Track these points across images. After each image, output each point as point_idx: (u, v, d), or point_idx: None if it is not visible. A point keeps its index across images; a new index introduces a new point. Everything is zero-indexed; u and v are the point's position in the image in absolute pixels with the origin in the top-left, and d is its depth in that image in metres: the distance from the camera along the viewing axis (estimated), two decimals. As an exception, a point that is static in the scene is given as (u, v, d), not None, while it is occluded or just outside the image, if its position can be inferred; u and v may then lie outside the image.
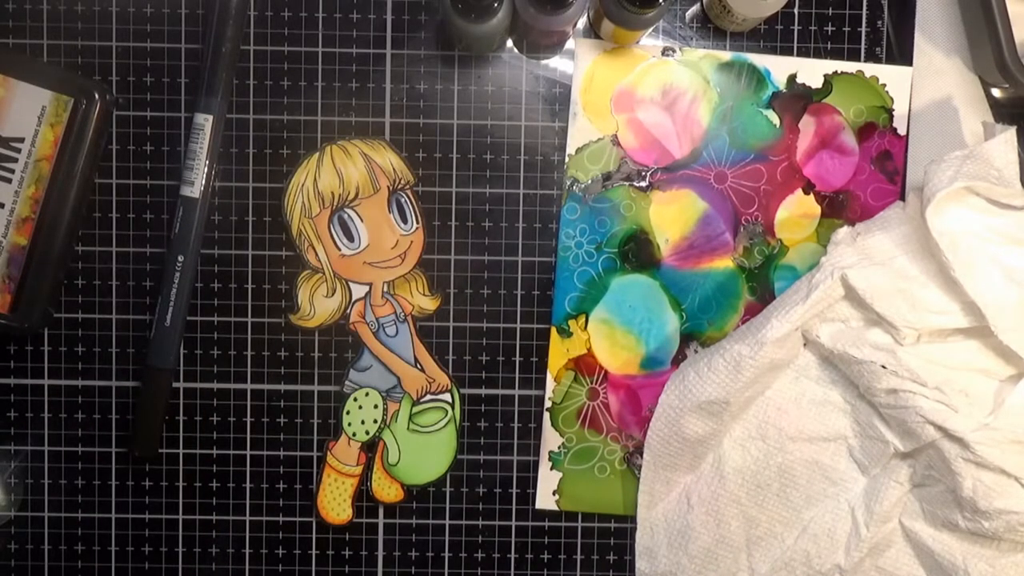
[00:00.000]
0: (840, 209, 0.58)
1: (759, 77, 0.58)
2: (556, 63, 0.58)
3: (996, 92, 0.59)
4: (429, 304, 0.58)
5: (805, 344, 0.57)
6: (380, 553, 0.59)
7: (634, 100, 0.58)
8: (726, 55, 0.58)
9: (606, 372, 0.59)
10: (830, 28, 0.58)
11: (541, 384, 0.59)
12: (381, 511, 0.59)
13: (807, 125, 0.58)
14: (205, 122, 0.56)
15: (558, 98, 0.58)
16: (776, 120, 0.58)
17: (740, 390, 0.55)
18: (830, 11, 0.58)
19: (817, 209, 0.58)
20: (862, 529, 0.56)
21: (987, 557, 0.55)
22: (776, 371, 0.57)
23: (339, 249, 0.58)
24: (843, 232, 0.56)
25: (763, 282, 0.59)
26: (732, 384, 0.55)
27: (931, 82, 0.58)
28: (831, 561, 0.56)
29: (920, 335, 0.54)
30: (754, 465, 0.57)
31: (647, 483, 0.57)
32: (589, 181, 0.58)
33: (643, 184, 0.58)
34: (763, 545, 0.57)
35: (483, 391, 0.59)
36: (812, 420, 0.57)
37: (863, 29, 0.58)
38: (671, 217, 0.58)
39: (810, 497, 0.57)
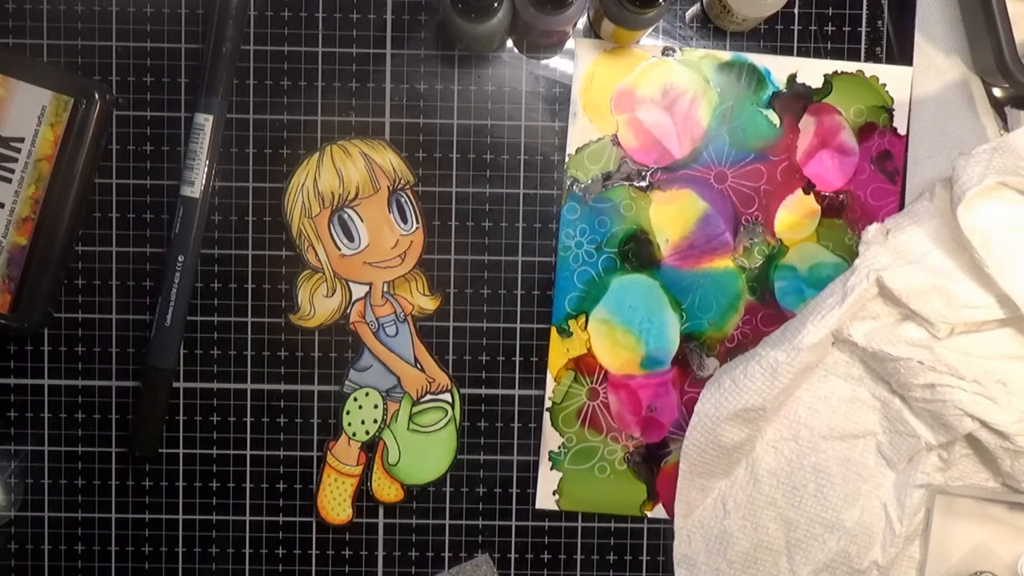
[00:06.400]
0: (840, 209, 0.58)
1: (759, 77, 0.58)
2: (556, 63, 0.58)
3: (996, 92, 0.59)
4: (429, 304, 0.58)
5: (833, 343, 0.57)
6: (380, 553, 0.59)
7: (634, 100, 0.58)
8: (726, 55, 0.58)
9: (606, 372, 0.59)
10: (830, 28, 0.58)
11: (541, 384, 0.59)
12: (381, 511, 0.59)
13: (807, 125, 0.58)
14: (205, 122, 0.56)
15: (558, 98, 0.58)
16: (776, 120, 0.58)
17: (776, 396, 0.55)
18: (830, 11, 0.58)
19: (817, 209, 0.58)
20: (896, 524, 0.56)
21: None
22: (807, 372, 0.56)
23: (339, 249, 0.58)
24: (873, 230, 0.55)
25: (763, 282, 0.59)
26: (769, 391, 0.54)
27: (931, 82, 0.58)
28: (868, 559, 0.56)
29: (955, 327, 0.54)
30: (788, 467, 0.57)
31: (683, 492, 0.57)
32: (589, 181, 0.58)
33: (643, 184, 0.58)
34: (803, 548, 0.57)
35: (483, 391, 0.59)
36: (842, 418, 0.57)
37: (863, 29, 0.58)
38: (671, 217, 0.58)
39: (847, 496, 0.57)
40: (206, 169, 0.56)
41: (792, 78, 0.58)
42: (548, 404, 0.59)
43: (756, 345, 0.56)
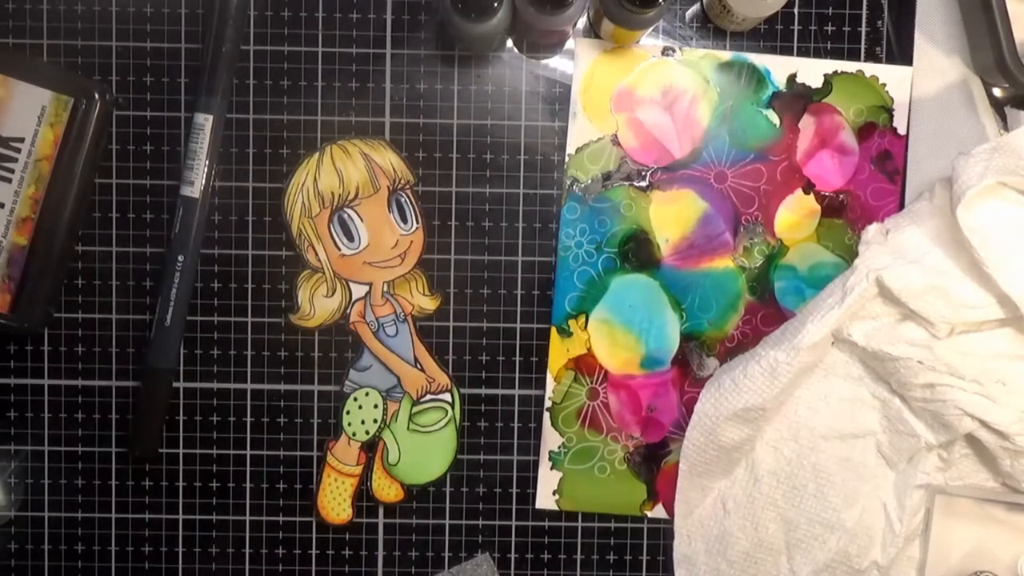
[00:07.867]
0: (840, 209, 0.58)
1: (759, 77, 0.58)
2: (556, 63, 0.58)
3: (996, 92, 0.59)
4: (429, 304, 0.58)
5: (833, 343, 0.57)
6: (380, 553, 0.59)
7: (634, 100, 0.58)
8: (726, 55, 0.58)
9: (606, 372, 0.59)
10: (830, 28, 0.58)
11: (541, 384, 0.59)
12: (381, 511, 0.59)
13: (807, 125, 0.58)
14: (205, 122, 0.56)
15: (558, 98, 0.58)
16: (776, 120, 0.58)
17: (776, 396, 0.55)
18: (830, 11, 0.58)
19: (817, 209, 0.58)
20: (895, 524, 0.56)
21: None
22: (807, 372, 0.56)
23: (339, 249, 0.58)
24: (873, 229, 0.55)
25: (763, 282, 0.59)
26: (769, 391, 0.54)
27: (931, 82, 0.58)
28: (868, 558, 0.56)
29: (954, 327, 0.54)
30: (788, 467, 0.57)
31: (683, 492, 0.57)
32: (589, 181, 0.58)
33: (643, 184, 0.58)
34: (803, 547, 0.57)
35: (483, 391, 0.59)
36: (842, 418, 0.57)
37: (863, 29, 0.58)
38: (671, 217, 0.58)
39: (847, 496, 0.57)
40: (206, 169, 0.56)
41: (792, 78, 0.58)
42: (548, 404, 0.59)
43: (756, 345, 0.56)
